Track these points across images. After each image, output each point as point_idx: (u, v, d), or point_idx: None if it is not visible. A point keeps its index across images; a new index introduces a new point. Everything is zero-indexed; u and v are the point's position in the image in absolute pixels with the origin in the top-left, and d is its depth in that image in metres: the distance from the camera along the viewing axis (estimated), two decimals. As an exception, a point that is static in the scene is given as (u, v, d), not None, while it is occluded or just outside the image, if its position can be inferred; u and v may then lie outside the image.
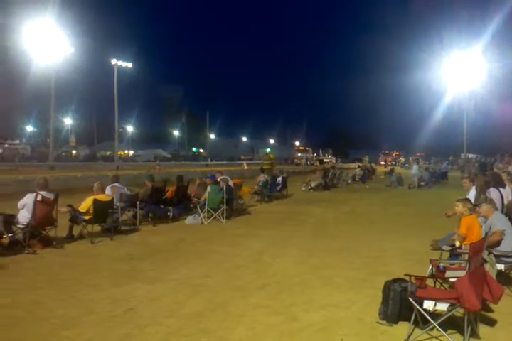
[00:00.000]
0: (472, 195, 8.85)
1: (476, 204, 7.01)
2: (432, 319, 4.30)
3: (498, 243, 6.04)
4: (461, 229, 6.21)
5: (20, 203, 8.26)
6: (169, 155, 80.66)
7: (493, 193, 8.18)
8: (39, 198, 8.17)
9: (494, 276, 5.21)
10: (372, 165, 49.37)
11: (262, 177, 17.42)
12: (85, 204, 9.15)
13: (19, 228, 8.09)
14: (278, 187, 18.68)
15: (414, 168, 28.29)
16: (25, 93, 57.19)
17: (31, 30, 35.02)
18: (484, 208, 6.52)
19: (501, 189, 8.52)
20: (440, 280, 5.31)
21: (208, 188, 11.92)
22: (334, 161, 75.23)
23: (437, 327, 4.29)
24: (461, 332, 4.35)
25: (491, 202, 6.82)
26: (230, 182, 13.42)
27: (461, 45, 40.25)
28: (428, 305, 4.36)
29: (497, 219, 6.35)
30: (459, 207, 6.43)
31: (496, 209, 6.81)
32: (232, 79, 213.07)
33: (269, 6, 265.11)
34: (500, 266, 5.86)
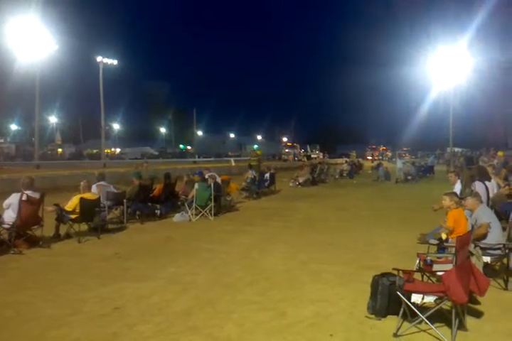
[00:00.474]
0: (458, 188, 8.93)
1: (462, 198, 7.07)
2: (420, 312, 4.34)
3: (485, 236, 6.10)
4: (448, 222, 6.27)
5: (6, 203, 8.16)
6: (156, 153, 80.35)
7: (478, 186, 8.25)
8: (24, 198, 8.08)
9: (481, 269, 5.25)
10: (360, 160, 49.58)
11: (250, 174, 17.41)
12: (72, 203, 9.07)
13: (4, 228, 8.01)
14: (266, 184, 18.68)
15: (399, 162, 28.51)
16: (9, 91, 56.47)
17: (15, 27, 34.54)
18: (470, 201, 6.58)
19: (487, 182, 8.60)
20: (428, 274, 5.35)
21: (196, 185, 11.88)
22: (322, 157, 75.42)
23: (425, 320, 4.32)
24: (449, 324, 4.39)
25: (476, 195, 6.88)
26: (218, 179, 13.39)
27: (447, 40, 40.50)
28: (416, 298, 4.39)
29: (482, 212, 6.41)
30: (446, 201, 6.49)
31: (481, 202, 6.88)
32: (219, 76, 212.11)
33: (255, 2, 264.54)
34: (487, 259, 5.92)
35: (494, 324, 4.73)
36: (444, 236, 6.28)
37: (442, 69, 40.43)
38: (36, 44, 35.82)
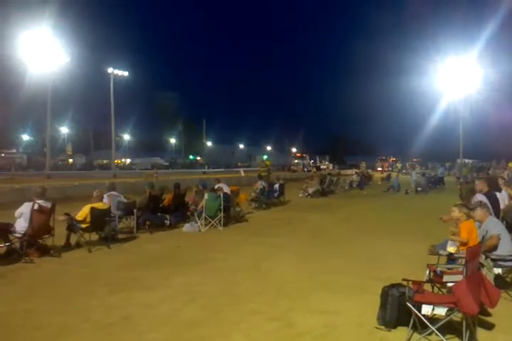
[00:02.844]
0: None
1: (471, 209, 7.00)
2: (431, 323, 4.29)
3: (495, 247, 6.04)
4: (462, 235, 6.18)
5: (18, 212, 8.24)
6: (166, 163, 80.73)
7: (480, 199, 8.12)
8: (36, 207, 8.16)
9: (492, 280, 5.20)
10: (369, 171, 49.41)
11: (260, 184, 17.41)
12: (82, 213, 9.12)
13: (16, 237, 8.06)
14: (275, 194, 18.67)
15: (414, 173, 28.49)
16: (21, 102, 57.27)
17: (28, 39, 35.09)
18: (479, 212, 6.50)
19: (497, 193, 8.52)
20: (438, 285, 5.31)
21: (205, 196, 11.92)
22: (332, 168, 75.25)
23: (436, 331, 4.28)
24: (460, 336, 4.35)
25: (485, 206, 6.81)
26: (226, 189, 13.41)
27: (457, 51, 40.54)
28: (426, 309, 4.35)
29: (492, 223, 6.35)
30: (455, 212, 6.45)
31: (490, 213, 6.81)
32: (229, 87, 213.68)
33: (267, 12, 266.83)
34: (498, 270, 5.87)
35: (506, 336, 4.67)
36: (453, 250, 6.18)
37: (452, 81, 40.39)
38: (48, 56, 36.32)
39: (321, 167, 75.01)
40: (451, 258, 6.15)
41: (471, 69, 38.88)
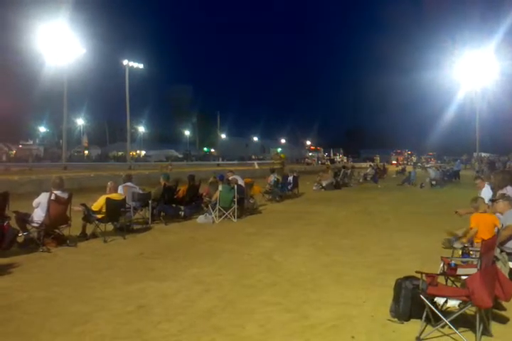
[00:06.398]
0: (484, 193, 8.78)
1: (494, 200, 6.94)
2: (444, 316, 4.29)
3: (510, 237, 5.98)
4: (470, 224, 6.16)
5: (35, 201, 8.36)
6: (181, 155, 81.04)
7: (510, 191, 8.04)
8: (53, 197, 8.27)
9: (507, 274, 5.17)
10: (385, 164, 49.10)
11: (273, 177, 17.43)
12: (98, 203, 9.23)
13: (34, 226, 8.19)
14: (289, 187, 18.69)
15: (429, 167, 28.33)
16: (38, 94, 57.86)
17: (44, 32, 35.34)
18: (500, 204, 6.45)
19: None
20: (452, 278, 5.30)
21: (220, 187, 11.97)
22: (346, 161, 74.98)
23: (449, 324, 4.27)
24: (473, 329, 4.33)
25: (507, 198, 6.73)
26: (241, 182, 13.44)
27: (474, 44, 40.00)
28: (439, 302, 4.35)
29: (511, 215, 6.29)
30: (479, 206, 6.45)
31: None
32: (243, 79, 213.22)
33: (282, 4, 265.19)
34: (513, 265, 5.82)
35: (520, 330, 4.64)
36: (464, 240, 6.17)
37: (469, 74, 39.89)
38: (64, 48, 36.53)
39: (336, 160, 74.85)
40: (465, 252, 6.12)
41: (488, 61, 38.33)
